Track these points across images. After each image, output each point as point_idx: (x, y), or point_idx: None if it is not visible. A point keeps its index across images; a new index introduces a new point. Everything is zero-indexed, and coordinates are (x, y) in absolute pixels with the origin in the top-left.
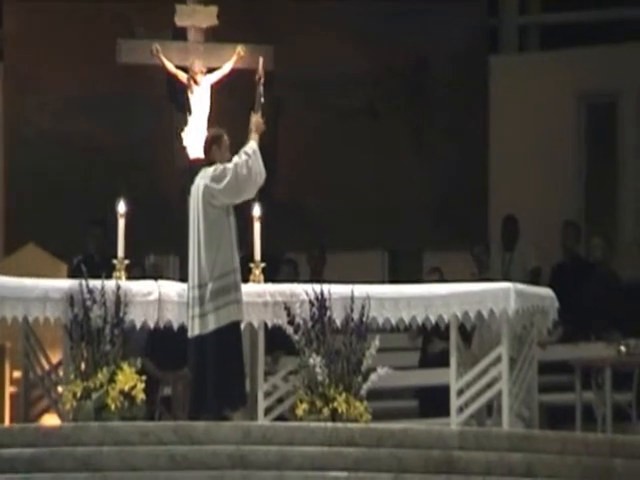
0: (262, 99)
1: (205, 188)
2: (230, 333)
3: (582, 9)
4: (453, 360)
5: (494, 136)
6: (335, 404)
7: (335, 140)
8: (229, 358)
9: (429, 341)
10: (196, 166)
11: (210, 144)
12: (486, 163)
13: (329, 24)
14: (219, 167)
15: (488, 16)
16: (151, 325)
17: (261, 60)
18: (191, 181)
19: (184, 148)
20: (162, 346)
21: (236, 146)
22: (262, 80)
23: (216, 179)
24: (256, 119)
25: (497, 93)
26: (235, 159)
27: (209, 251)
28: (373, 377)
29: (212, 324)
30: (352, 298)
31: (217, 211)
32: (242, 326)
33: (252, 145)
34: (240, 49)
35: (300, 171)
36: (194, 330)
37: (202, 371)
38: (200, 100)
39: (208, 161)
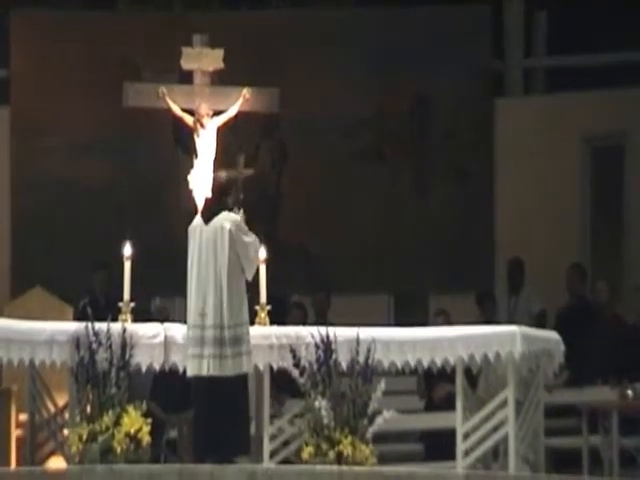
0: (242, 196)
1: (230, 233)
2: (236, 382)
3: (587, 52)
4: (459, 403)
5: (500, 179)
6: (341, 447)
7: (339, 183)
8: (234, 405)
9: (434, 385)
10: (207, 206)
11: (228, 187)
12: (492, 206)
13: (333, 67)
14: (243, 222)
15: (493, 59)
16: (157, 368)
17: (241, 159)
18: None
19: (190, 191)
20: (167, 388)
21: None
22: (241, 178)
23: (244, 231)
24: (239, 215)
25: (503, 136)
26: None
27: (231, 296)
28: (379, 420)
29: (229, 370)
30: (358, 341)
31: (237, 258)
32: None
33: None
34: (246, 92)
35: (304, 214)
36: (202, 370)
37: (207, 415)
38: (206, 143)
39: (223, 204)
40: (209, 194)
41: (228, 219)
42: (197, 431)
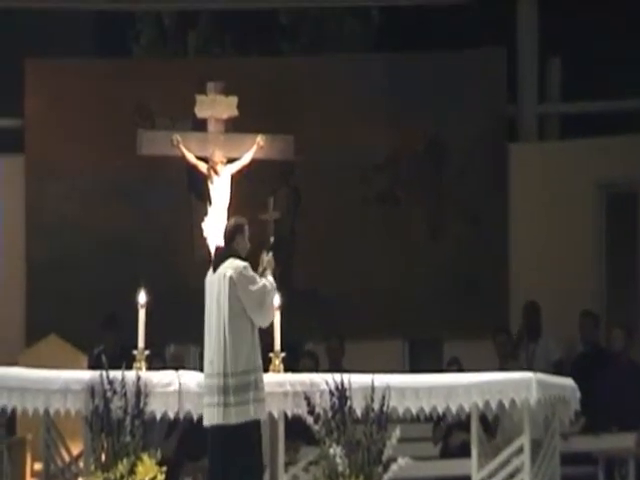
0: (272, 239)
1: (231, 280)
2: (251, 430)
3: (602, 99)
4: (474, 450)
5: (514, 224)
6: None
7: (353, 228)
8: (249, 454)
9: (450, 434)
10: (217, 255)
11: (233, 233)
12: (506, 251)
13: (346, 112)
14: (250, 271)
15: (507, 104)
16: (171, 416)
17: (271, 200)
18: (211, 269)
19: (204, 238)
20: (182, 436)
21: (254, 235)
22: (273, 219)
23: (248, 279)
24: (268, 258)
25: (516, 181)
26: (264, 281)
27: (233, 344)
28: (394, 467)
29: (233, 418)
30: (372, 388)
31: (241, 305)
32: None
33: (272, 282)
34: (260, 139)
35: (318, 259)
36: (213, 419)
37: (222, 463)
38: (220, 190)
39: (230, 251)
40: (220, 242)
41: (232, 266)
42: (212, 479)
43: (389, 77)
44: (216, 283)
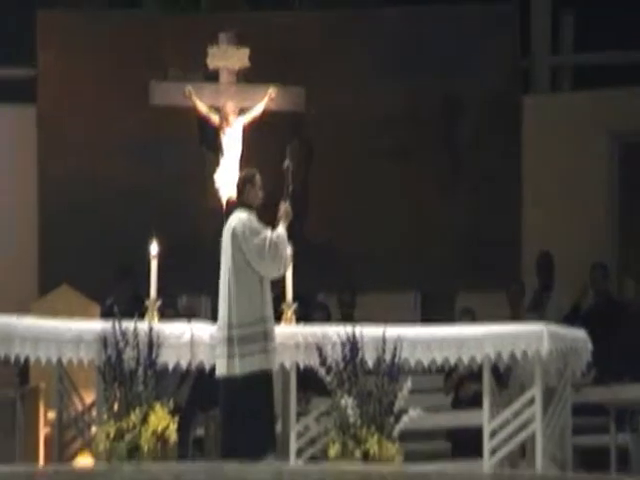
0: (290, 187)
1: (234, 231)
2: (258, 381)
3: (614, 49)
4: (486, 401)
5: (527, 176)
6: (367, 445)
7: (366, 181)
8: (258, 405)
9: (461, 384)
10: (229, 207)
11: (244, 184)
12: (519, 203)
13: (360, 65)
14: (254, 222)
15: (520, 57)
16: (183, 366)
17: (288, 149)
18: (223, 222)
19: (216, 189)
20: (195, 386)
21: (267, 186)
22: (290, 168)
23: (251, 231)
24: (285, 208)
25: (530, 133)
26: (268, 233)
27: (237, 296)
28: (405, 418)
29: (237, 369)
30: (384, 339)
31: (244, 257)
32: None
33: (281, 233)
34: (272, 91)
35: (331, 212)
36: (220, 370)
37: (232, 414)
38: (232, 141)
39: (241, 202)
40: (233, 193)
41: (237, 218)
42: (223, 430)
43: (403, 31)
44: (225, 236)
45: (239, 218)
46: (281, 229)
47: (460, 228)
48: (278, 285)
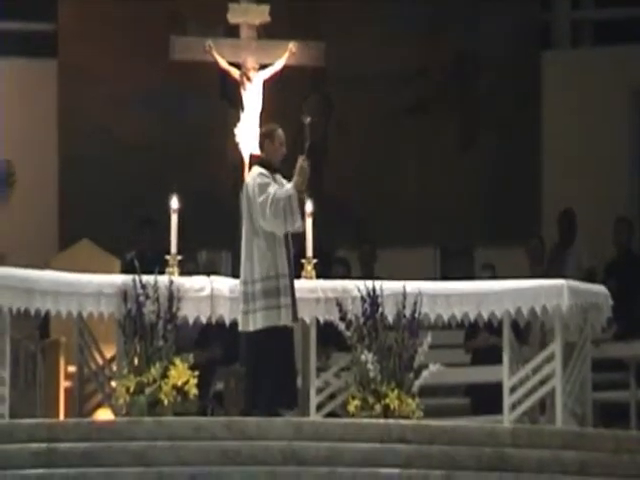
0: (308, 142)
1: (247, 188)
2: (276, 336)
3: (635, 4)
4: (506, 357)
5: (546, 132)
6: (387, 401)
7: (385, 136)
8: (277, 360)
9: (475, 336)
10: (250, 162)
11: (264, 139)
12: (539, 159)
13: (378, 20)
14: (264, 179)
15: (541, 11)
16: (204, 320)
17: (305, 105)
18: (242, 178)
19: (236, 144)
20: (215, 340)
21: (289, 140)
22: (309, 124)
23: (260, 188)
24: (301, 164)
25: (550, 89)
26: (271, 189)
27: (252, 252)
28: (425, 374)
29: (252, 325)
30: (404, 294)
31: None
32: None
33: (287, 188)
34: (292, 46)
35: (350, 167)
36: (240, 325)
37: (253, 368)
38: (252, 96)
39: (259, 158)
40: (255, 149)
41: (250, 175)
42: (245, 384)
43: None
44: (243, 191)
45: (252, 175)
46: (289, 185)
47: (479, 183)
48: (298, 242)
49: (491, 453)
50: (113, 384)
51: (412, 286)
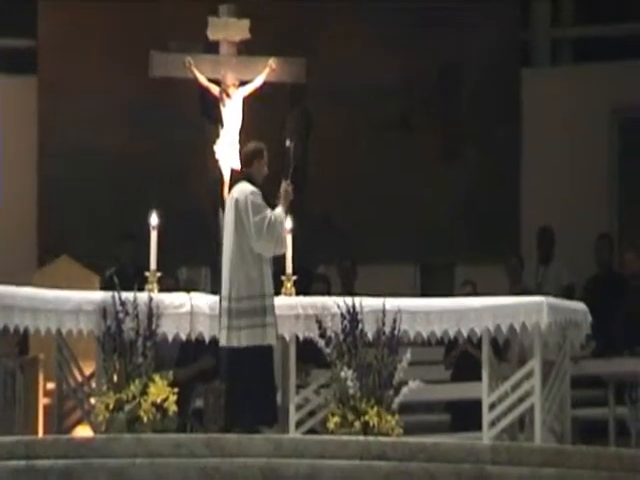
0: (292, 167)
1: (237, 204)
2: (258, 354)
3: (615, 22)
4: (485, 374)
5: (526, 149)
6: (367, 417)
7: (366, 152)
8: (258, 377)
9: (452, 349)
10: (232, 178)
11: (252, 157)
12: (518, 176)
13: (360, 35)
14: (258, 198)
15: (520, 29)
16: (183, 337)
17: (288, 143)
18: (221, 194)
19: (216, 160)
20: (194, 358)
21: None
22: (292, 148)
23: (254, 206)
24: (285, 187)
25: (530, 106)
26: (268, 212)
27: (238, 269)
28: (405, 390)
29: (235, 342)
30: (384, 311)
31: (244, 232)
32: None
33: (279, 213)
34: (272, 62)
35: (331, 183)
36: (222, 341)
37: (233, 385)
38: (232, 112)
39: (246, 175)
40: (236, 164)
41: (241, 190)
42: (225, 401)
43: (403, 1)
44: (227, 207)
45: (243, 191)
46: (279, 209)
47: (460, 199)
48: (279, 260)
49: (471, 470)
50: (92, 401)
51: (392, 303)
